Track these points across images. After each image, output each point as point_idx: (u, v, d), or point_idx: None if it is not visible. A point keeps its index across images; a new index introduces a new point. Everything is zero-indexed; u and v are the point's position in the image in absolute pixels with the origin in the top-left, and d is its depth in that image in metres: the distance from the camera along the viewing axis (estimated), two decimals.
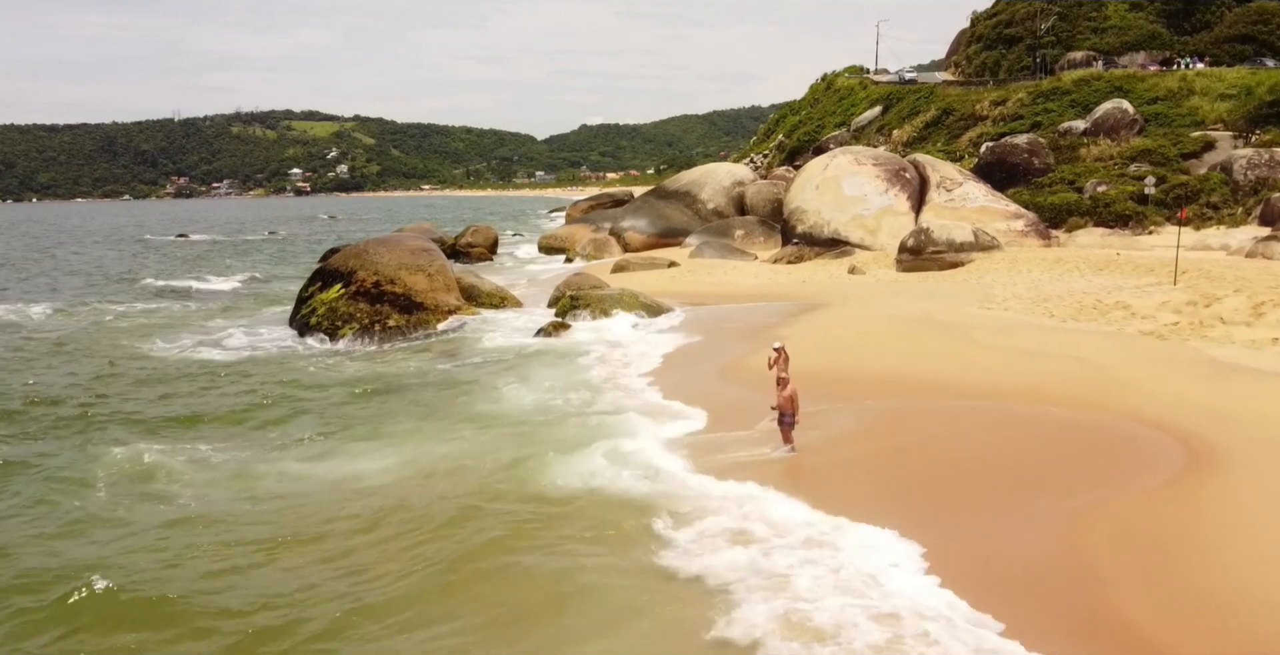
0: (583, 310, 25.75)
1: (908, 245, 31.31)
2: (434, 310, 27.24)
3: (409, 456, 13.76)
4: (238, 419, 16.37)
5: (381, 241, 30.12)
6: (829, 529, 9.91)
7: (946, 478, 11.28)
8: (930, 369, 15.89)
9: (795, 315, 23.84)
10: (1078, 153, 50.70)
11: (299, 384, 19.13)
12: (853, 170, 39.26)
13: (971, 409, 13.74)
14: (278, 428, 15.72)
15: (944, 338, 17.82)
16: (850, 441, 12.97)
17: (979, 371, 15.52)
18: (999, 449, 12.07)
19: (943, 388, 14.88)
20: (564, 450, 12.96)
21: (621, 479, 11.91)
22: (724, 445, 13.25)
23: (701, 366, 18.71)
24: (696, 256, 38.44)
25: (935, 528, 9.68)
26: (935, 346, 17.30)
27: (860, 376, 16.03)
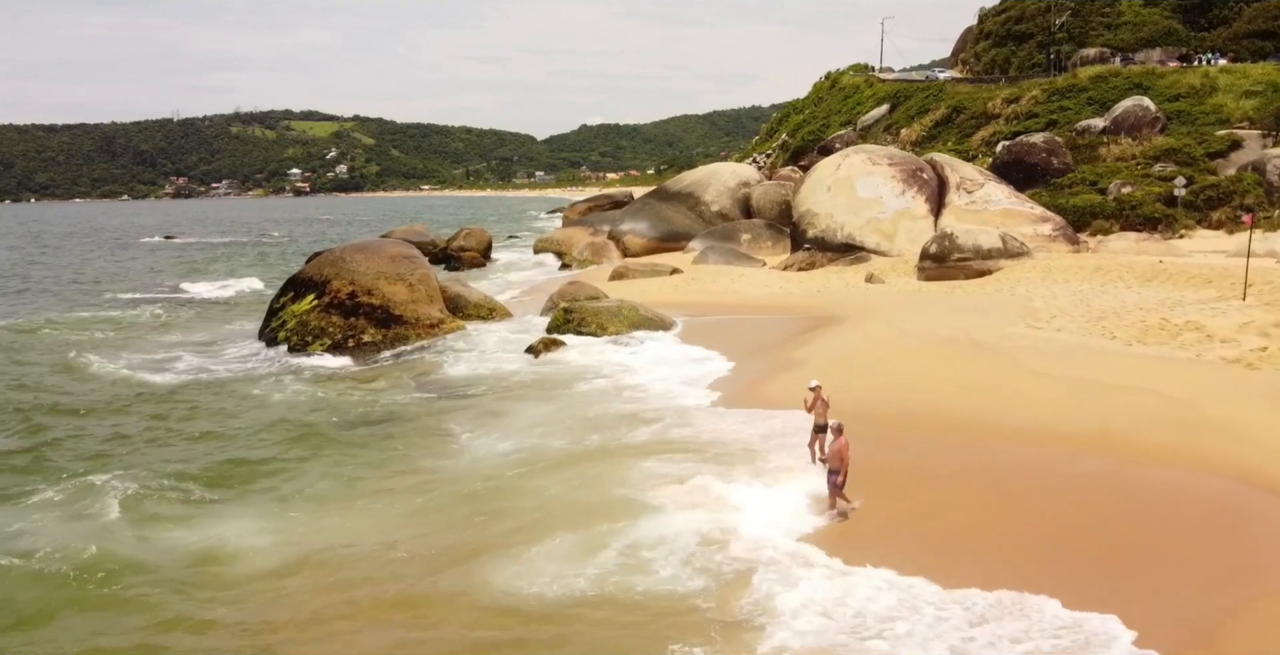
0: (577, 325, 23.35)
1: (930, 252, 28.90)
2: (414, 324, 24.84)
3: (300, 534, 10.73)
4: (103, 462, 13.72)
5: (360, 248, 27.73)
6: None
7: (1013, 562, 8.94)
8: (980, 405, 13.50)
9: (811, 332, 21.44)
10: (1097, 152, 48.44)
11: (224, 415, 16.71)
12: (867, 170, 36.85)
13: (1038, 463, 11.31)
14: (153, 475, 12.86)
15: (991, 364, 15.42)
16: (910, 499, 10.59)
17: (1038, 408, 13.13)
18: (1082, 521, 9.65)
19: (998, 430, 12.50)
20: (547, 533, 10.13)
21: (654, 583, 9.05)
22: (783, 506, 10.91)
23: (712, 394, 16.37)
24: (700, 262, 36.04)
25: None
26: (981, 375, 14.89)
27: (898, 412, 13.65)
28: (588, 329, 23.19)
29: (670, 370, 18.28)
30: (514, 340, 22.98)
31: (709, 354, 19.99)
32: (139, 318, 30.24)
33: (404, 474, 12.99)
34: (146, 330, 27.44)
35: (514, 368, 19.68)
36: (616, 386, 17.16)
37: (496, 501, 11.54)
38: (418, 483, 12.52)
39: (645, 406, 15.58)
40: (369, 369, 20.97)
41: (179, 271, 47.67)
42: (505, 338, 23.41)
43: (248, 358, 23.05)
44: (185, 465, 13.22)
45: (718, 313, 26.22)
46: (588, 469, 12.38)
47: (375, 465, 13.44)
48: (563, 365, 19.60)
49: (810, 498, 11.03)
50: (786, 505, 10.96)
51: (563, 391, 17.11)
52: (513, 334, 23.97)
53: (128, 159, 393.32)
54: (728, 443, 13.33)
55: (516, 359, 20.78)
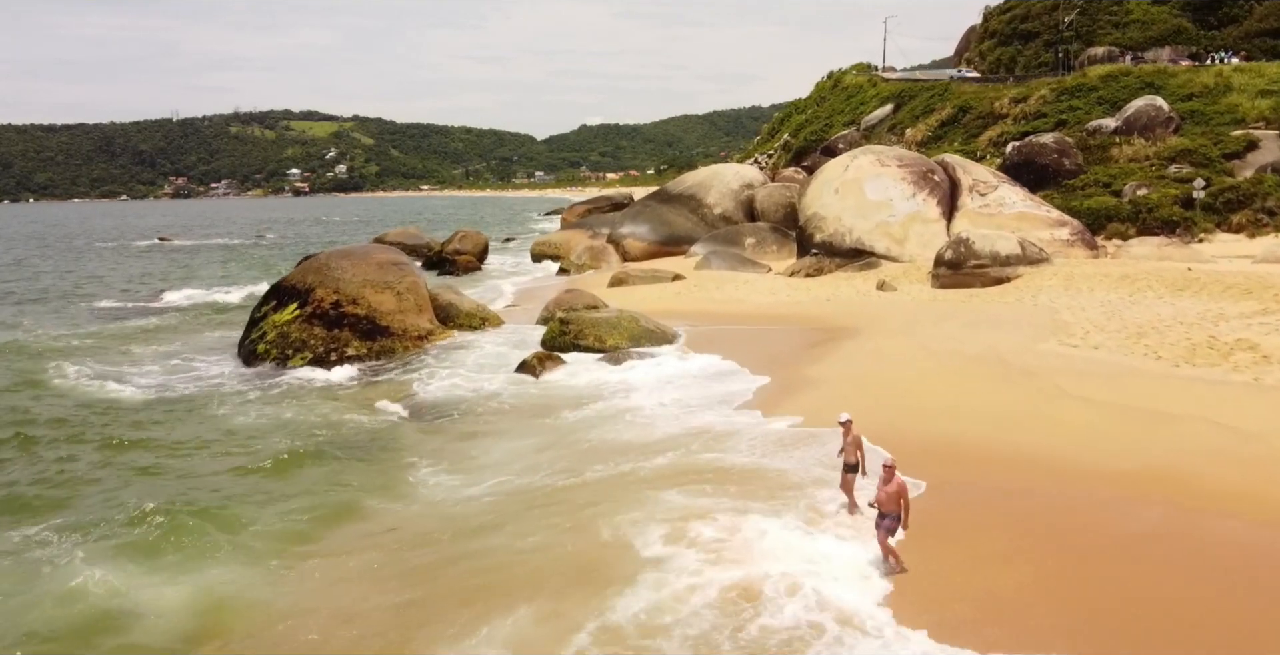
0: (574, 337, 21.97)
1: (945, 258, 27.51)
2: (401, 335, 23.47)
3: (210, 599, 9.15)
4: (27, 505, 12.34)
5: (346, 254, 26.35)
6: None
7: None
8: (1020, 435, 12.13)
9: (824, 345, 20.07)
10: (1109, 153, 47.22)
11: (176, 444, 15.26)
12: (876, 172, 35.46)
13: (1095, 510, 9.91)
14: (71, 526, 11.35)
15: (1026, 387, 14.04)
16: (963, 550, 9.19)
17: (1085, 440, 11.77)
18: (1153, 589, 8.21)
19: (1045, 466, 11.11)
20: (505, 606, 8.23)
21: None
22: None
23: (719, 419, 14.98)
24: (703, 267, 34.66)
25: None
26: (1018, 400, 13.53)
27: (931, 444, 12.25)
28: (585, 342, 21.81)
29: (672, 392, 16.81)
30: (506, 355, 21.57)
31: (714, 372, 18.60)
32: (114, 328, 28.84)
33: (351, 521, 11.38)
34: (119, 341, 26.04)
35: (503, 388, 18.24)
36: (615, 410, 15.70)
37: (450, 560, 9.82)
38: (363, 534, 10.92)
39: (645, 435, 14.07)
40: (348, 386, 19.57)
41: (167, 277, 46.26)
42: (496, 353, 21.99)
43: (222, 373, 21.67)
44: (112, 511, 11.71)
45: (722, 322, 24.85)
46: (577, 512, 10.86)
47: (320, 511, 11.78)
48: (556, 385, 18.18)
49: (868, 547, 9.43)
50: (846, 558, 9.26)
51: (555, 416, 15.66)
52: (505, 348, 22.56)
53: (127, 159, 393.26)
54: (749, 475, 11.90)
55: (507, 377, 19.37)
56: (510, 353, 21.75)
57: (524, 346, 22.48)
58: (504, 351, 22.16)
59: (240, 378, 21.16)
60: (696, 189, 43.44)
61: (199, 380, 20.99)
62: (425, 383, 19.12)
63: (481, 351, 22.25)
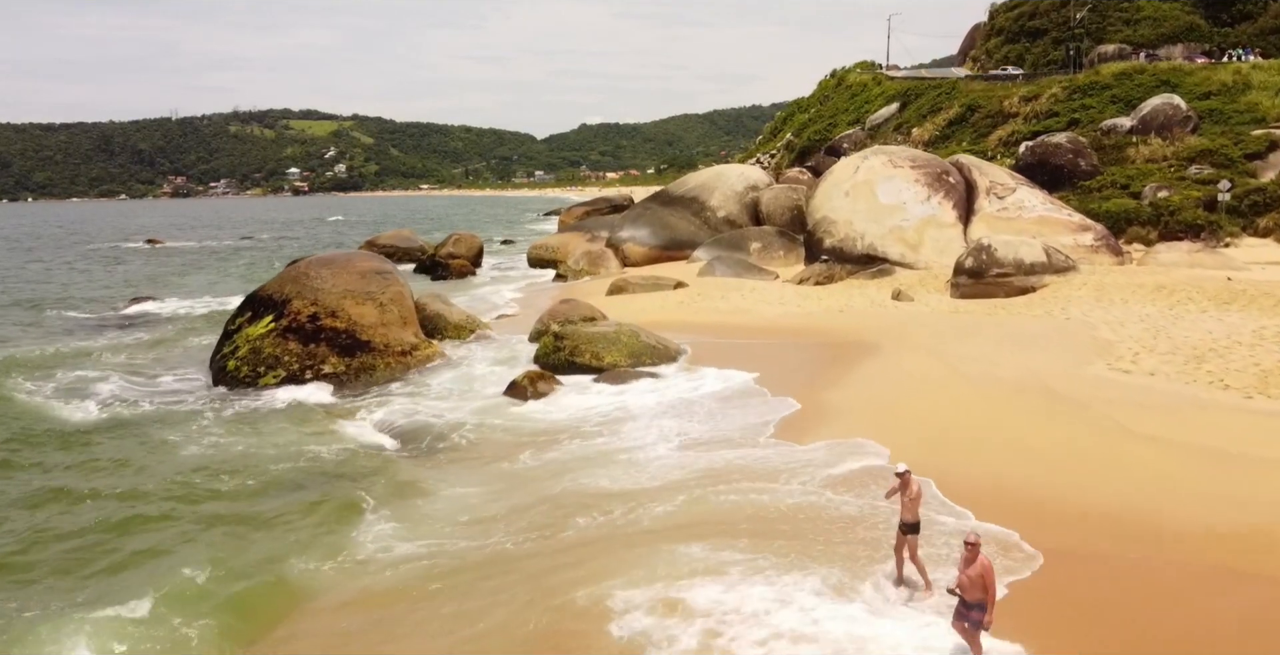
0: (569, 354, 20.27)
1: (965, 266, 25.81)
2: (383, 351, 21.75)
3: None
4: None
5: (326, 261, 24.64)
6: None
7: None
8: (1086, 483, 10.41)
9: (842, 363, 18.37)
10: (1125, 153, 45.62)
11: (114, 472, 13.60)
12: (888, 173, 33.76)
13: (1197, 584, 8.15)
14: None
15: (1081, 423, 12.34)
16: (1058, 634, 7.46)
17: (1162, 491, 10.08)
18: None
19: (1123, 524, 9.38)
20: None
21: None
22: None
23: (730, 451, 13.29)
24: (707, 274, 32.96)
25: None
26: (1074, 438, 11.82)
27: (981, 492, 10.55)
28: (581, 359, 20.11)
29: (680, 421, 15.05)
30: (494, 375, 19.85)
31: (725, 395, 16.90)
32: (82, 339, 27.12)
33: (269, 594, 9.56)
34: (84, 355, 24.33)
35: (487, 414, 16.45)
36: (612, 447, 13.96)
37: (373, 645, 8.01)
38: (278, 606, 9.22)
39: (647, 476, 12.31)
40: (317, 410, 17.81)
41: (149, 283, 44.51)
42: (483, 372, 20.27)
43: (186, 391, 19.95)
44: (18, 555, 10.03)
45: (729, 335, 23.14)
46: (545, 578, 9.17)
47: (239, 570, 10.04)
48: (546, 412, 16.40)
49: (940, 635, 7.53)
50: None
51: (540, 452, 13.85)
52: (494, 365, 20.86)
53: (125, 158, 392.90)
54: (787, 526, 10.18)
55: (493, 401, 17.65)
56: (498, 372, 20.04)
57: (515, 364, 20.80)
58: (492, 370, 20.45)
59: (205, 397, 19.46)
60: (699, 191, 41.73)
61: (160, 399, 19.30)
62: (401, 408, 17.38)
63: (467, 370, 20.55)
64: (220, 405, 18.54)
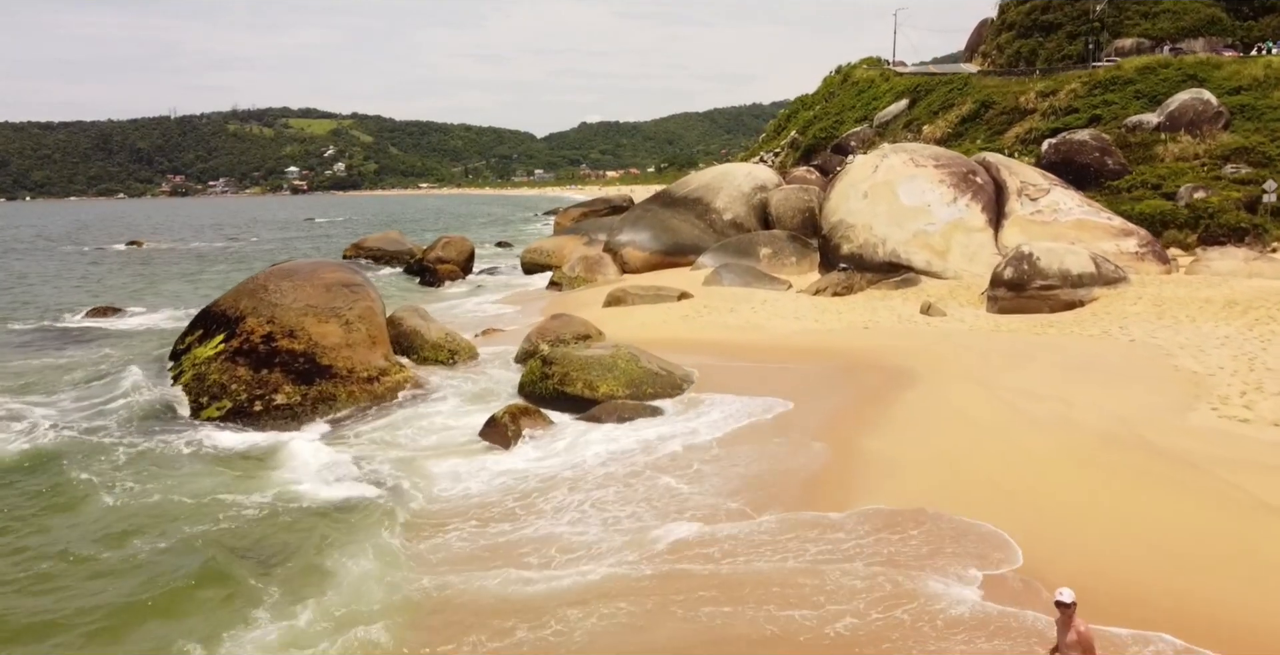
0: (558, 383, 17.53)
1: (1004, 277, 23.06)
2: (346, 377, 19.01)
3: None
4: None
5: (288, 272, 21.90)
6: None
7: None
8: (1245, 597, 7.69)
9: (875, 398, 15.65)
10: (1152, 151, 42.96)
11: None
12: (909, 173, 31.03)
13: None
14: None
15: (1202, 495, 9.59)
16: None
17: None
18: None
19: None
20: None
21: None
22: None
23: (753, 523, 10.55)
24: (713, 283, 30.23)
25: None
26: (1202, 521, 9.05)
27: (1087, 591, 7.82)
28: (572, 389, 17.38)
29: (683, 483, 12.26)
30: (469, 408, 17.10)
31: (732, 439, 14.18)
32: (21, 358, 24.37)
33: None
34: (19, 375, 21.60)
35: (452, 472, 13.51)
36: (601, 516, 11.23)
37: None
38: None
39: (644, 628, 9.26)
40: (253, 454, 15.00)
41: (117, 290, 41.75)
42: (457, 406, 17.48)
43: (114, 426, 17.19)
44: None
45: (739, 356, 20.42)
46: None
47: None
48: (526, 469, 13.56)
49: None
50: None
51: (488, 527, 11.05)
52: (472, 395, 18.11)
53: (124, 157, 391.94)
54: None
55: (465, 444, 14.93)
56: (474, 407, 17.29)
57: (495, 394, 18.08)
58: (469, 402, 17.71)
59: (134, 430, 16.72)
60: (703, 191, 38.97)
61: (82, 431, 16.57)
62: (354, 454, 14.62)
63: (440, 403, 17.77)
64: (146, 441, 15.83)
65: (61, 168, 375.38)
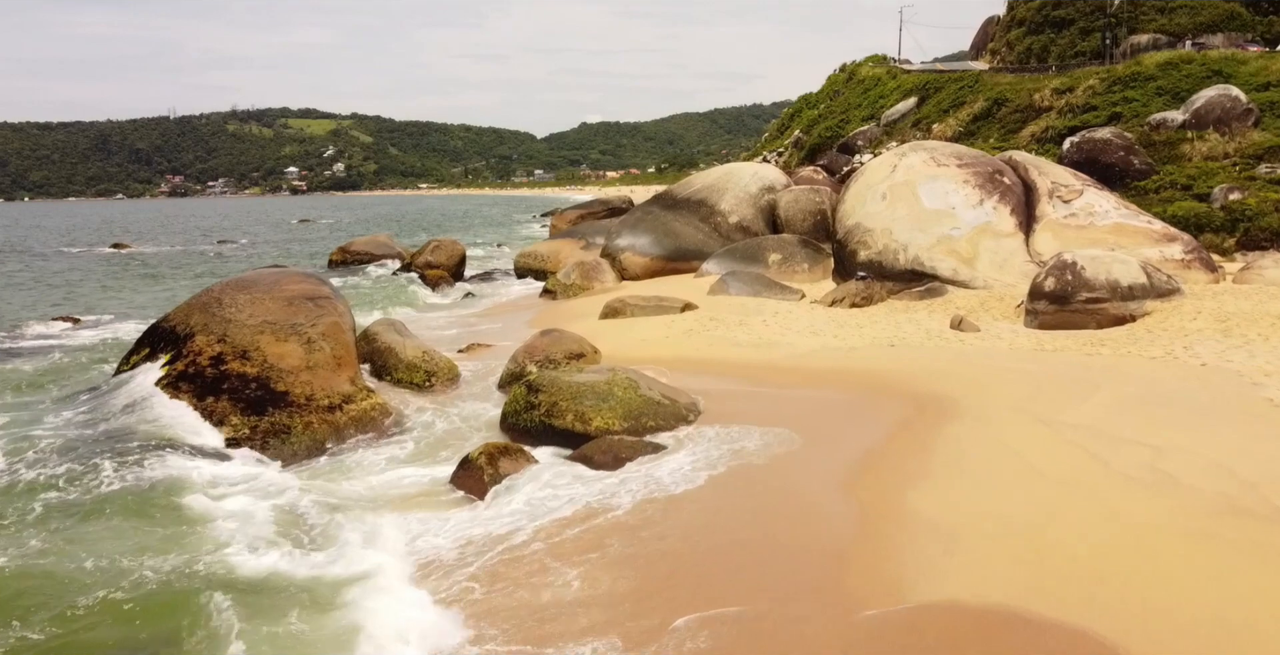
0: (544, 414, 15.20)
1: (1046, 289, 20.71)
2: (304, 406, 16.65)
3: None
4: None
5: (247, 283, 19.54)
6: None
7: None
8: None
9: (915, 436, 13.33)
10: (1179, 150, 40.76)
11: None
12: (931, 173, 28.73)
13: None
14: None
15: None
16: None
17: None
18: None
19: None
20: None
21: None
22: None
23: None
24: (719, 292, 27.90)
25: None
26: None
27: None
28: (561, 422, 15.04)
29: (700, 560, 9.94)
30: (442, 444, 14.79)
31: (743, 489, 11.83)
32: None
33: None
34: None
35: (413, 536, 11.19)
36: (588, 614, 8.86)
37: None
38: None
39: None
40: (184, 502, 12.65)
41: (86, 297, 39.45)
42: (428, 439, 15.14)
43: (40, 455, 14.86)
44: None
45: (752, 379, 18.10)
46: None
47: None
48: (493, 528, 11.20)
49: None
50: None
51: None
52: (445, 427, 15.74)
53: (123, 157, 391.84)
54: None
55: (431, 494, 12.58)
56: (450, 438, 14.97)
57: (474, 426, 15.74)
58: (443, 434, 15.38)
59: (55, 461, 14.37)
60: (707, 193, 36.64)
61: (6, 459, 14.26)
62: (291, 505, 12.28)
63: (408, 438, 15.43)
64: (64, 486, 13.49)
65: (60, 168, 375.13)
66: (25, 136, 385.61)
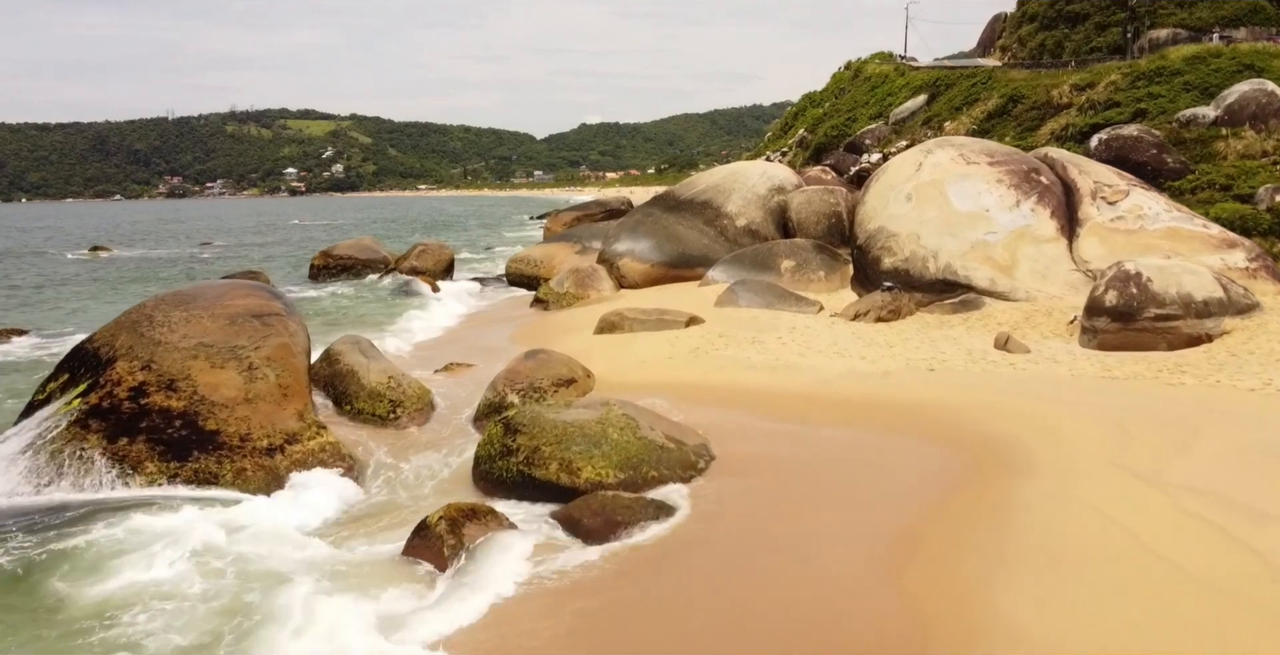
0: (524, 461, 12.48)
1: (1107, 303, 17.97)
2: (237, 449, 13.91)
3: None
4: None
5: (184, 299, 16.78)
6: None
7: None
8: None
9: (978, 497, 10.64)
10: (1211, 148, 38.04)
11: None
12: (961, 171, 26.02)
13: None
14: None
15: None
16: None
17: None
18: None
19: None
20: None
21: None
22: None
23: None
24: (727, 303, 25.17)
25: None
26: None
27: None
28: (543, 472, 12.31)
29: None
30: (399, 501, 12.07)
31: (759, 583, 9.13)
32: None
33: None
34: None
35: (341, 621, 8.65)
36: None
37: None
38: None
39: None
40: (60, 570, 9.94)
41: (41, 306, 36.76)
42: (382, 497, 12.41)
43: None
44: None
45: (772, 413, 15.37)
46: None
47: None
48: (442, 629, 8.50)
49: None
50: None
51: None
52: (409, 478, 13.02)
53: (121, 158, 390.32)
54: None
55: (375, 576, 9.88)
56: (406, 494, 12.24)
57: (435, 477, 13.00)
58: (400, 486, 12.64)
59: None
60: (712, 194, 33.91)
61: None
62: (202, 593, 9.55)
63: (357, 488, 12.68)
64: None
65: (58, 169, 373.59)
66: (23, 137, 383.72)
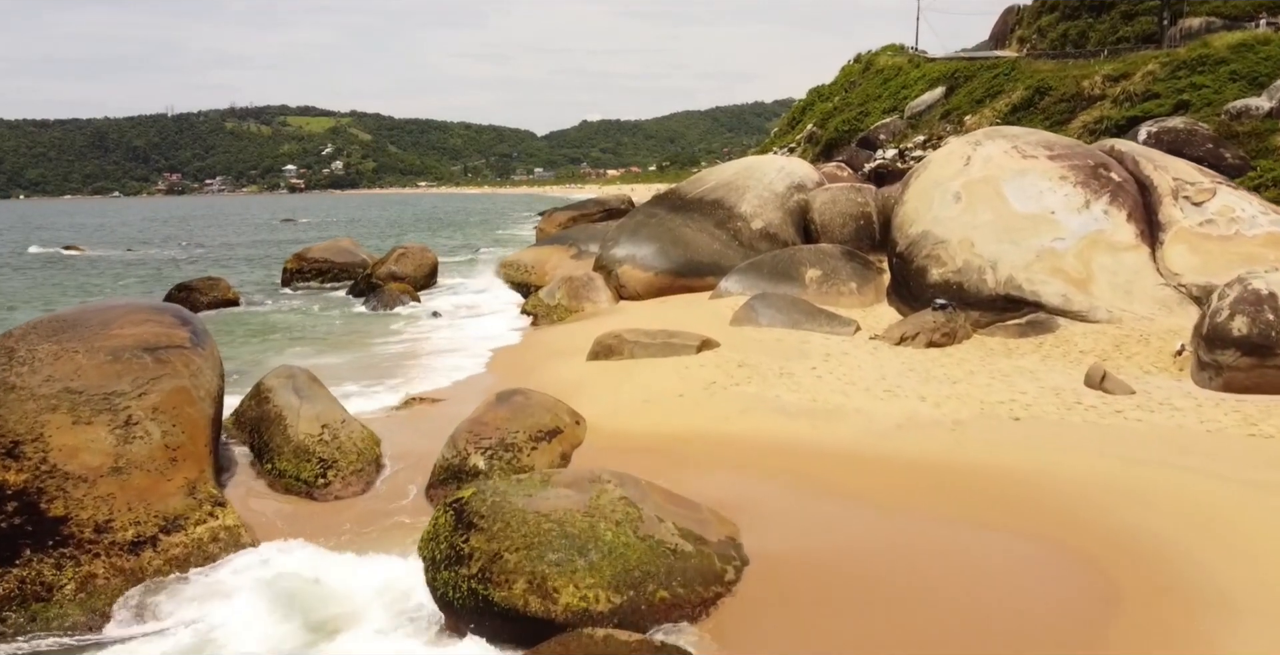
0: (483, 570, 8.76)
1: (1235, 333, 14.19)
2: (91, 543, 10.09)
3: None
4: None
5: (63, 325, 13.00)
6: None
7: None
8: None
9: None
10: (1268, 142, 34.27)
11: None
12: (1017, 166, 22.20)
13: None
14: None
15: None
16: None
17: None
18: None
19: None
20: None
21: None
22: None
23: None
24: (745, 322, 21.34)
25: None
26: None
27: None
28: (506, 594, 8.54)
29: None
30: (300, 633, 8.37)
31: None
32: None
33: None
34: None
35: None
36: None
37: None
38: None
39: None
40: None
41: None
42: (280, 624, 8.65)
43: None
44: None
45: (817, 485, 11.59)
46: None
47: None
48: None
49: None
50: None
51: None
52: (309, 608, 9.27)
53: (120, 155, 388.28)
54: None
55: None
56: (316, 619, 8.52)
57: (358, 594, 9.26)
58: (307, 607, 8.91)
59: None
60: (724, 192, 30.06)
61: None
62: None
63: (244, 606, 8.93)
64: None
65: (57, 166, 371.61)
66: (22, 134, 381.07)
